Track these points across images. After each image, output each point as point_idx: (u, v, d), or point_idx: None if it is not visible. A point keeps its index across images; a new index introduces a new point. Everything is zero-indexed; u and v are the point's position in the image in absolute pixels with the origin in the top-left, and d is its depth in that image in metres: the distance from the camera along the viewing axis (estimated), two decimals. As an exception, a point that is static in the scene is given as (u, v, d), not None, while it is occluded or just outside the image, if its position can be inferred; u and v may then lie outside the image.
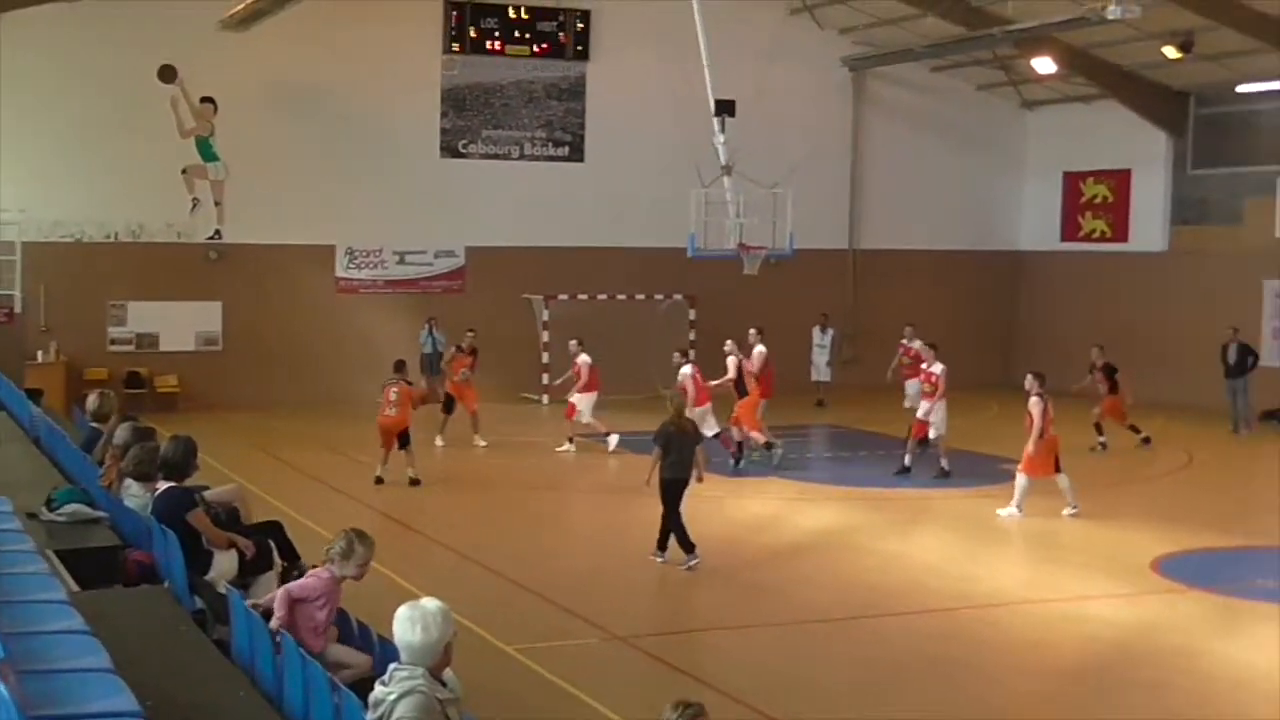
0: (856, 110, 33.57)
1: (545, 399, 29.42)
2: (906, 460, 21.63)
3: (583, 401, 23.55)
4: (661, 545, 15.68)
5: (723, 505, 19.65)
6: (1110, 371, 24.94)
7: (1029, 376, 19.03)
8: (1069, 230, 34.43)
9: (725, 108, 26.19)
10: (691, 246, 26.49)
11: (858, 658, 12.67)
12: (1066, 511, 18.50)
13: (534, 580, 14.90)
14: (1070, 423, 24.58)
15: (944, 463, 21.29)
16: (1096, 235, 33.74)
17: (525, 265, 30.45)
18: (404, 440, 20.75)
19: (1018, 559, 16.55)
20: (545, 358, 29.54)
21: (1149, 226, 32.28)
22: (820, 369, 30.41)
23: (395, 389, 20.86)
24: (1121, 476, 22.17)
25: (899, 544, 17.24)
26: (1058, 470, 18.66)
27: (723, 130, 26.21)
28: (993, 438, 24.76)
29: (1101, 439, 24.47)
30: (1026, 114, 35.08)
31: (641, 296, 30.66)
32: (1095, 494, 19.94)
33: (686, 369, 21.94)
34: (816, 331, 30.52)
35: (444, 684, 6.75)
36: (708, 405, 21.79)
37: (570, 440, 23.59)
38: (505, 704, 10.43)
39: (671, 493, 15.61)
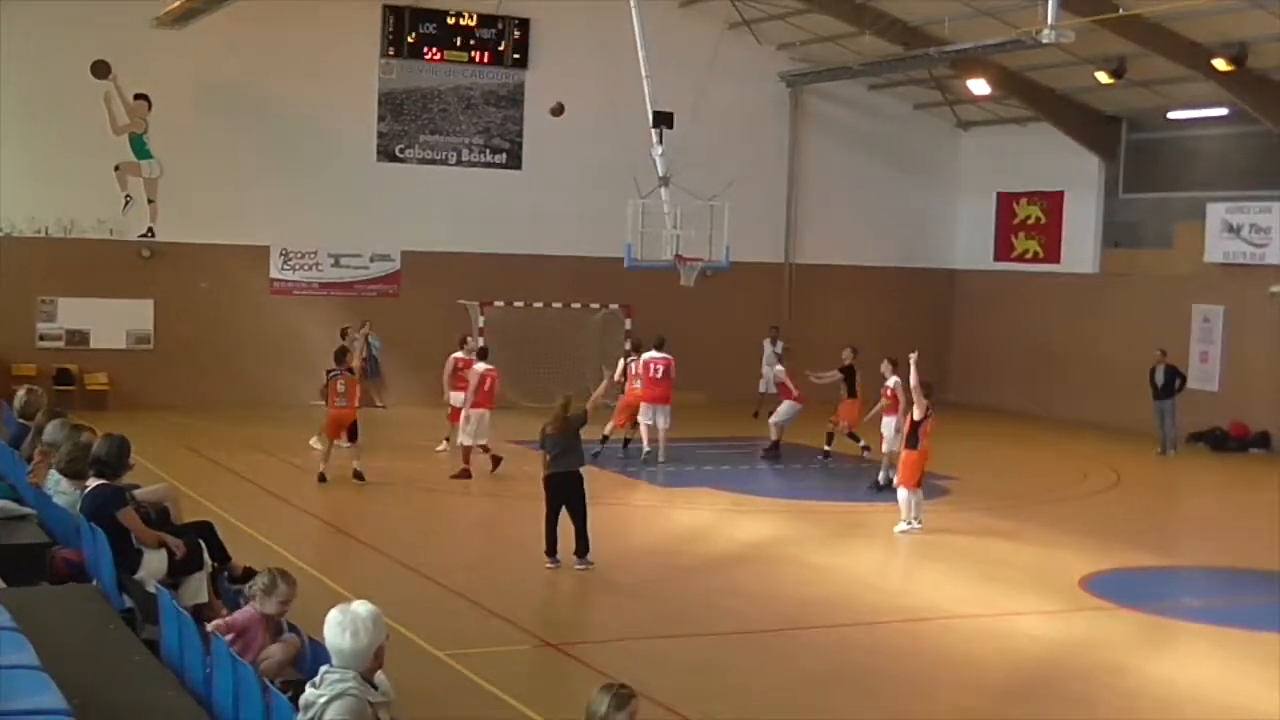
0: (794, 126, 33.76)
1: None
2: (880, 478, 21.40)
3: (458, 400, 23.26)
4: (579, 551, 15.71)
5: (656, 515, 19.70)
6: (851, 374, 24.71)
7: (917, 390, 18.71)
8: (1002, 250, 34.78)
9: (663, 119, 26.21)
10: (628, 257, 26.49)
11: (786, 668, 12.69)
12: (900, 528, 18.48)
13: (466, 585, 14.84)
14: (1007, 440, 24.91)
15: (881, 476, 21.40)
16: (1029, 256, 34.10)
17: (461, 271, 30.35)
18: (353, 433, 20.75)
19: (948, 574, 16.64)
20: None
21: (1081, 248, 32.67)
22: (769, 381, 30.24)
23: (342, 381, 20.81)
24: (1051, 495, 22.37)
25: (830, 556, 17.31)
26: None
27: (661, 142, 26.22)
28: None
29: (834, 446, 24.54)
30: (961, 134, 35.42)
31: (577, 305, 30.64)
32: (1024, 511, 20.14)
33: (481, 365, 22.14)
34: (767, 344, 30.49)
35: (375, 687, 6.73)
36: (480, 410, 21.66)
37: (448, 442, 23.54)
38: (436, 709, 10.38)
39: (549, 488, 15.85)
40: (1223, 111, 28.31)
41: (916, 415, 18.46)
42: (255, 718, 6.95)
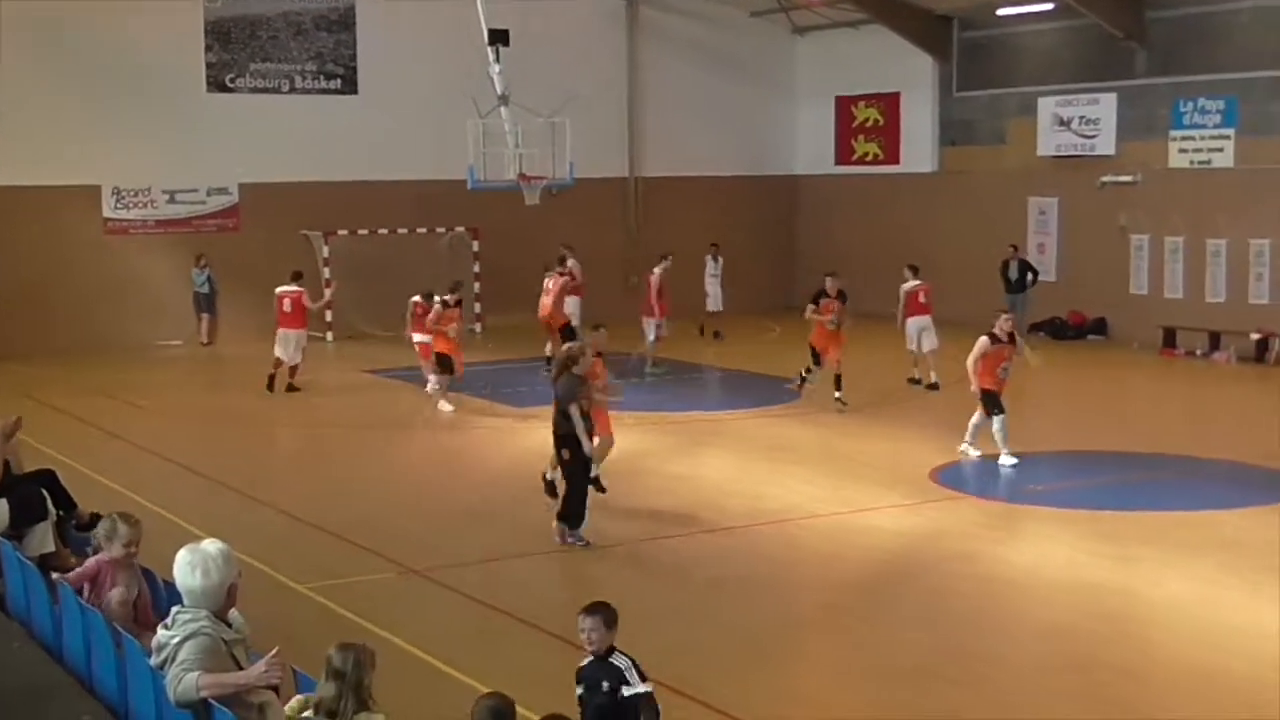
0: (631, 38, 33.57)
1: (329, 336, 28.93)
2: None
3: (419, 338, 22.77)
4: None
5: (515, 436, 19.67)
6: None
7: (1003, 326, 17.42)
8: (843, 154, 35.11)
9: (499, 37, 25.90)
10: (471, 178, 26.24)
11: (651, 578, 12.82)
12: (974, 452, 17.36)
13: (325, 518, 14.70)
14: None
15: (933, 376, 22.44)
16: (869, 158, 34.48)
17: (302, 201, 29.76)
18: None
19: (805, 476, 16.88)
20: (326, 294, 28.91)
21: (919, 148, 33.12)
22: (715, 299, 30.00)
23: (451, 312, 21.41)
24: (900, 391, 22.76)
25: (689, 466, 17.46)
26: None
27: (498, 60, 25.94)
28: (776, 360, 25.22)
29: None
30: (798, 39, 35.55)
31: (423, 230, 30.31)
32: (875, 409, 20.47)
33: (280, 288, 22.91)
34: (709, 261, 30.22)
35: (230, 625, 6.65)
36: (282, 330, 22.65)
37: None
38: (299, 642, 10.23)
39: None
40: (1049, 6, 28.78)
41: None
42: (107, 664, 6.83)
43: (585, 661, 7.41)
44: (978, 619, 11.57)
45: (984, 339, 17.21)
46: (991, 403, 17.11)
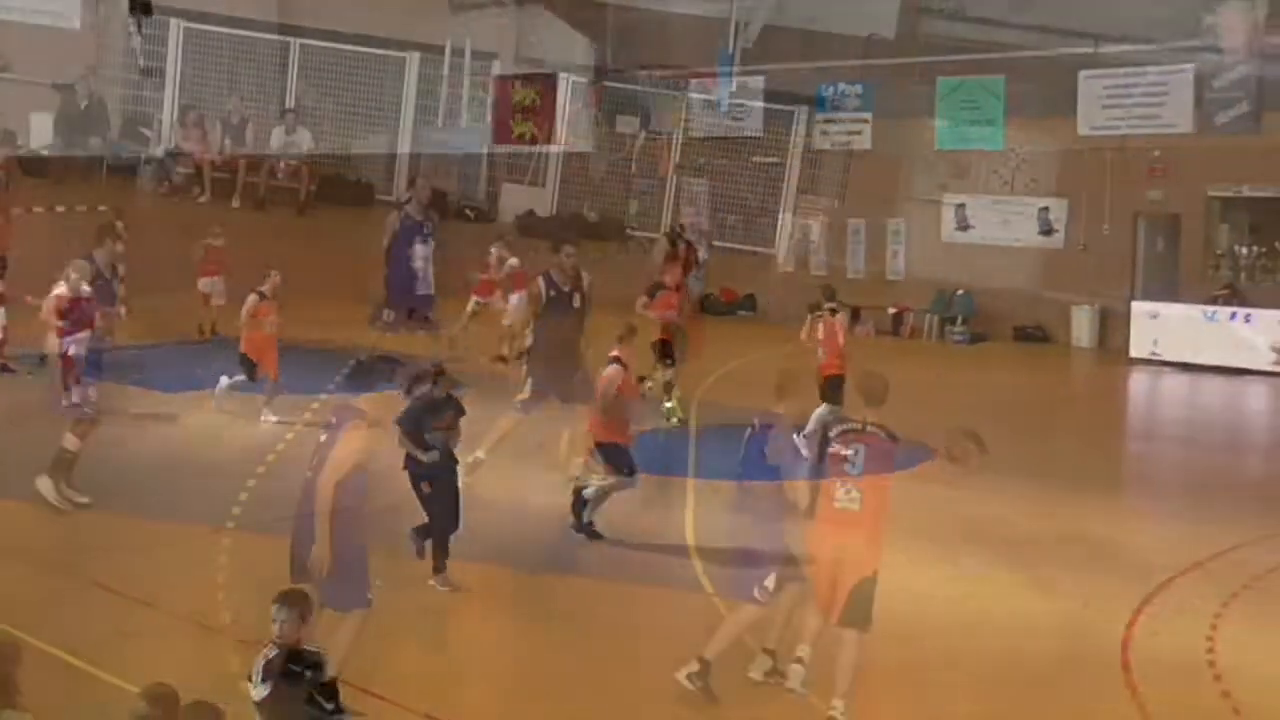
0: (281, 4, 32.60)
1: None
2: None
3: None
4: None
5: (159, 420, 18.86)
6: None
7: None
8: (501, 134, 35.05)
9: (141, 6, 24.79)
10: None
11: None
12: None
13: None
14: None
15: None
16: (527, 138, 34.54)
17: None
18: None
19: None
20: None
21: (575, 129, 33.39)
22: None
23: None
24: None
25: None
26: None
27: (140, 30, 24.87)
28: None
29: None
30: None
31: (61, 208, 28.70)
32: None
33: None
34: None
35: None
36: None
37: None
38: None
39: None
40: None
41: None
42: None
43: (273, 654, 7.14)
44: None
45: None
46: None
